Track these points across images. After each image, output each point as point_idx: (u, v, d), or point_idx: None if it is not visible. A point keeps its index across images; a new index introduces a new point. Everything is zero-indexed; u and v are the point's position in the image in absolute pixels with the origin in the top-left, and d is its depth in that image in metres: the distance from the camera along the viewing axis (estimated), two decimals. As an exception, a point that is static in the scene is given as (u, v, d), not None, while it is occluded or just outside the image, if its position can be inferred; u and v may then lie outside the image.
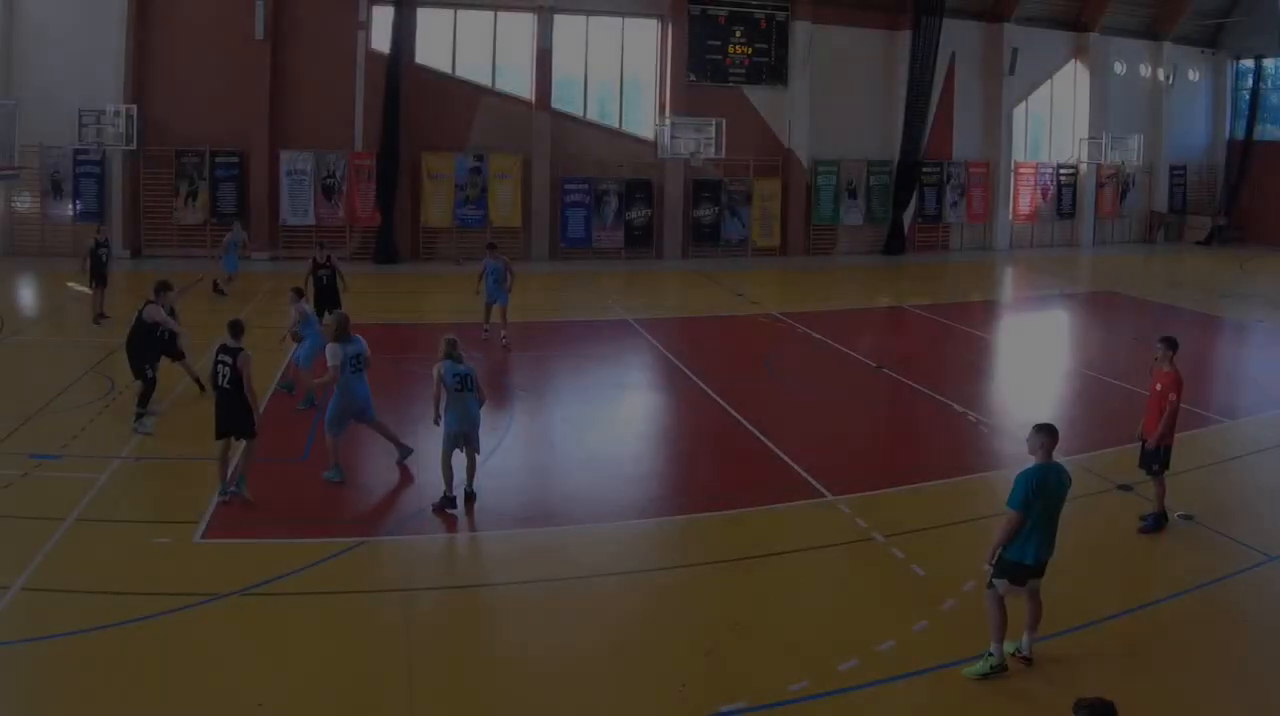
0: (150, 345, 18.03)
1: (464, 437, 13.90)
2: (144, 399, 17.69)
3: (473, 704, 9.46)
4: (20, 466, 14.89)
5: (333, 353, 14.99)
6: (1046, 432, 9.96)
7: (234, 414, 13.95)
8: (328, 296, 22.99)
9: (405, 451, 15.80)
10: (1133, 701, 7.72)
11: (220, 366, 13.95)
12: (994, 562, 9.83)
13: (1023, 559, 9.71)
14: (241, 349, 13.90)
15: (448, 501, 13.82)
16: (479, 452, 14.23)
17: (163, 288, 18.50)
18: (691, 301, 33.00)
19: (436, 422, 13.92)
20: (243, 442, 14.17)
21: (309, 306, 20.04)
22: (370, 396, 15.45)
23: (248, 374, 13.82)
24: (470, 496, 14.06)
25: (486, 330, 24.50)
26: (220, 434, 13.95)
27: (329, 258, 23.72)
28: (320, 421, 15.95)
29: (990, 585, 9.87)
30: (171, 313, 18.74)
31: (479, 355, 22.36)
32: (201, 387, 18.68)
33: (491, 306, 24.24)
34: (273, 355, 20.96)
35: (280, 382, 19.85)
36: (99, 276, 25.94)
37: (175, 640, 10.26)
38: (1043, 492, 9.67)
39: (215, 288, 30.24)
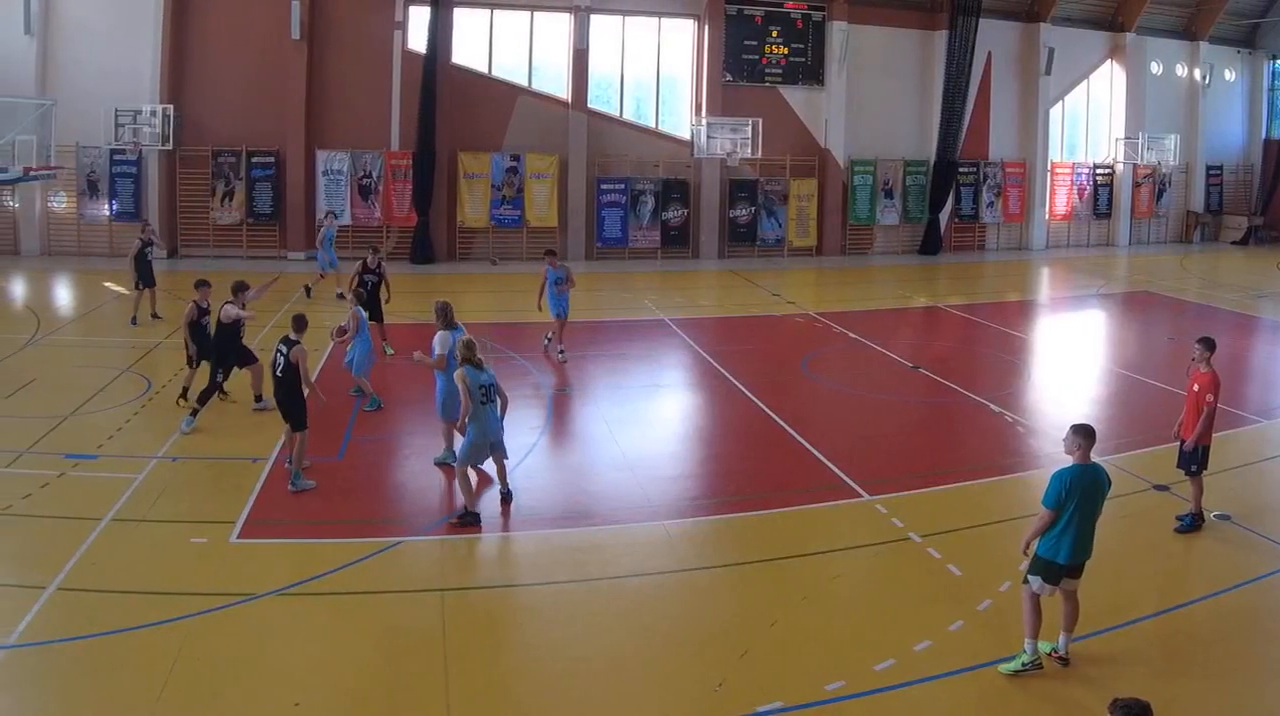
0: (230, 347, 17.67)
1: (488, 448, 13.58)
2: (204, 398, 17.32)
3: (509, 704, 9.34)
4: (57, 466, 14.61)
5: (441, 341, 15.00)
6: (1083, 433, 9.76)
7: (283, 403, 14.33)
8: (368, 303, 21.56)
9: (450, 454, 15.40)
10: (1170, 702, 7.85)
11: (277, 355, 14.30)
12: (1026, 553, 9.74)
13: (1055, 557, 9.56)
14: (298, 342, 14.21)
15: (471, 517, 13.30)
16: (507, 458, 14.01)
17: (240, 288, 17.89)
18: (728, 301, 32.08)
19: (461, 431, 13.70)
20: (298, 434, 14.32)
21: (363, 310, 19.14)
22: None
23: (302, 367, 14.04)
24: (506, 497, 13.84)
25: (548, 339, 23.18)
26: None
27: (379, 263, 22.52)
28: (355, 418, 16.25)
29: (1025, 581, 9.74)
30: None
31: (525, 362, 21.90)
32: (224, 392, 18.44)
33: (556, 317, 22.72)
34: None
35: (351, 391, 18.90)
36: (146, 277, 24.81)
37: (212, 640, 10.08)
38: (1078, 493, 9.47)
39: (307, 291, 29.16)
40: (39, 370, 20.41)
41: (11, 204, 35.45)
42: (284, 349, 14.24)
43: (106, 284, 30.49)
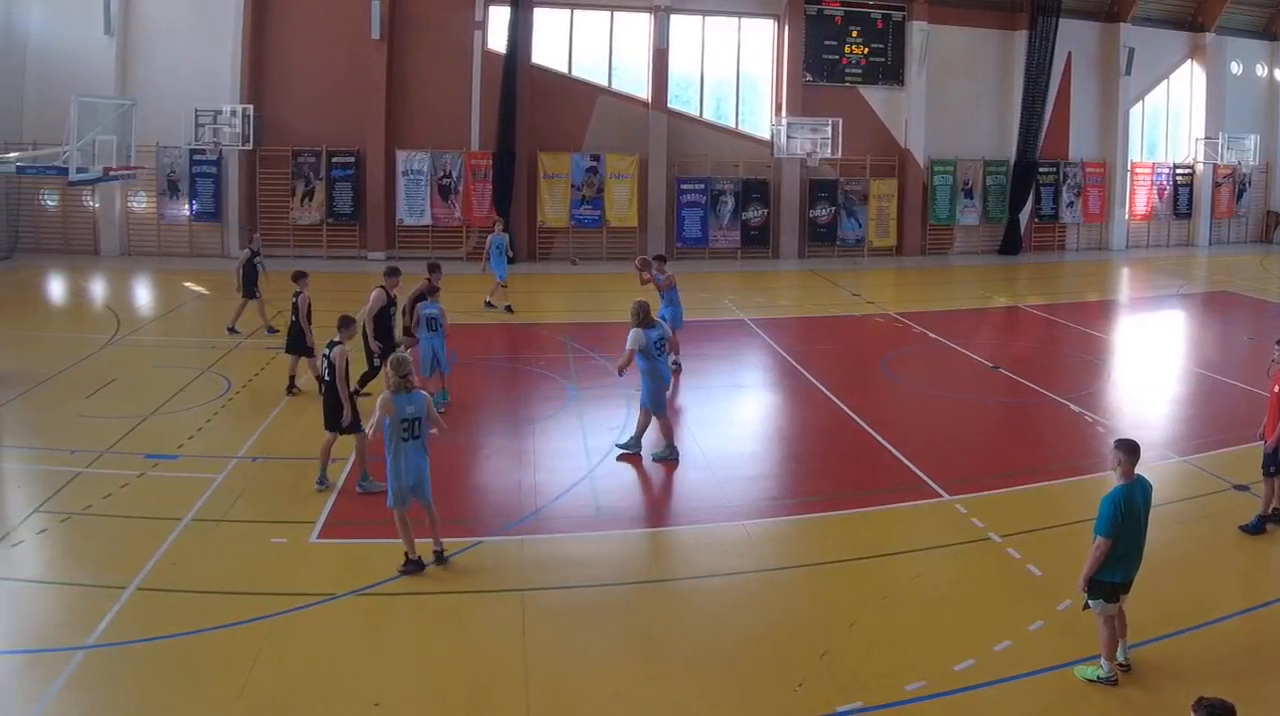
0: (382, 332, 16.69)
1: (411, 493, 11.15)
2: (364, 380, 16.68)
3: (588, 704, 8.83)
4: (137, 466, 13.97)
5: (635, 338, 14.38)
6: (1127, 449, 9.07)
7: (326, 407, 13.52)
8: None
9: (673, 452, 14.90)
10: (1253, 703, 7.51)
11: (322, 359, 13.57)
12: (1084, 590, 9.07)
13: (1113, 579, 8.97)
14: (340, 343, 13.38)
15: (412, 566, 11.13)
16: (429, 507, 11.38)
17: (392, 273, 17.07)
18: (808, 301, 29.91)
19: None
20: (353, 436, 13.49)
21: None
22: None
23: (340, 368, 13.20)
24: (440, 556, 11.40)
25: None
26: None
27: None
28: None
29: (1086, 607, 9.17)
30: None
31: (605, 361, 20.30)
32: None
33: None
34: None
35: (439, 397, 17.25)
36: (250, 288, 22.30)
37: (291, 640, 9.64)
38: (1130, 513, 8.85)
39: (489, 304, 26.38)
40: (119, 370, 19.23)
41: (91, 204, 33.30)
42: (327, 352, 13.39)
43: (186, 284, 29.03)
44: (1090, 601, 9.11)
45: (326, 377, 13.35)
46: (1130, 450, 9.06)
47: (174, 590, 10.49)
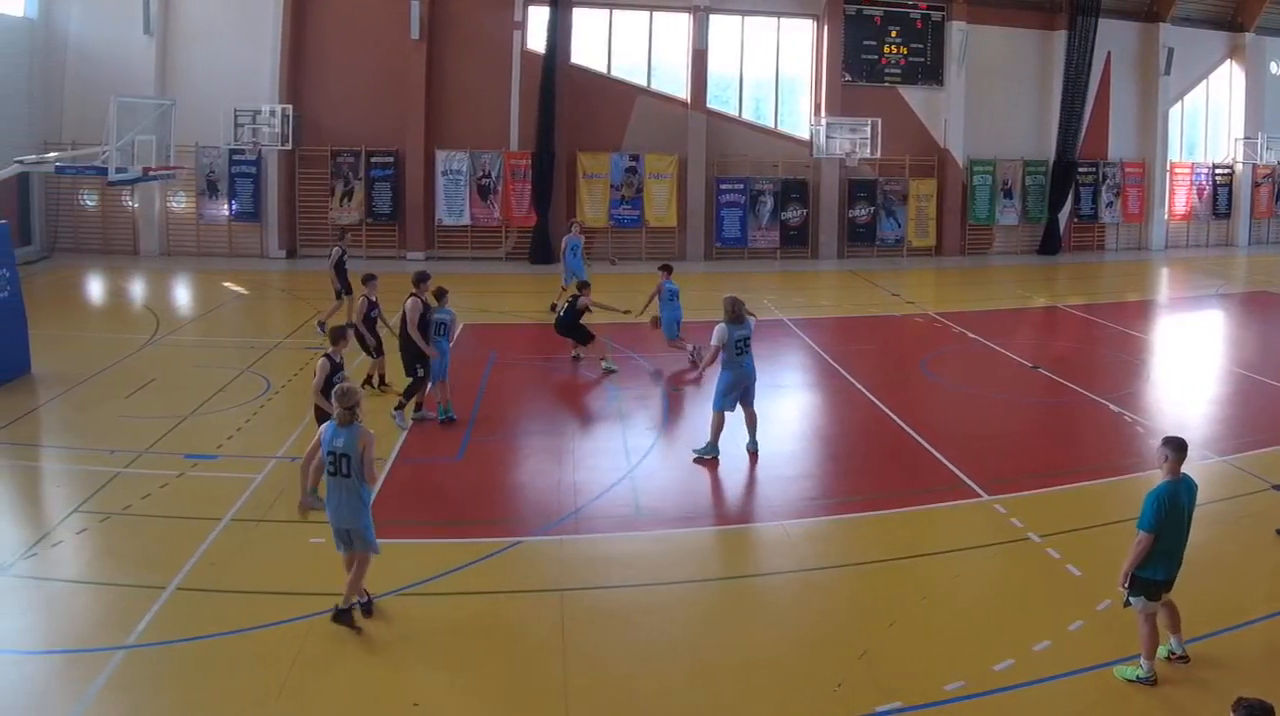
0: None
1: (344, 537, 9.63)
2: (409, 393, 15.69)
3: (628, 705, 8.49)
4: (176, 466, 13.56)
5: (719, 334, 14.14)
6: (1174, 447, 8.70)
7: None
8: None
9: (714, 451, 14.36)
10: None
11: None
12: (1125, 585, 8.71)
13: (1155, 576, 8.63)
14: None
15: (341, 614, 9.50)
16: (365, 550, 9.63)
17: (421, 278, 15.78)
18: (847, 301, 28.71)
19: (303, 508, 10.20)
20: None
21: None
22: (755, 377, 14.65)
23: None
24: (364, 607, 9.80)
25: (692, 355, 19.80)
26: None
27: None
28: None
29: (1127, 604, 8.80)
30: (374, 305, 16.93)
31: (644, 361, 20.23)
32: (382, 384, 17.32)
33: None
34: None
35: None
36: (345, 286, 21.24)
37: (330, 640, 9.26)
38: (1173, 510, 8.53)
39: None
40: (158, 370, 18.65)
41: (131, 204, 32.09)
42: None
43: (225, 284, 28.03)
44: (1131, 598, 8.79)
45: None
46: (1178, 448, 8.72)
47: (213, 590, 10.17)
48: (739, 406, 14.57)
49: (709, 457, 14.35)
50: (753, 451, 14.64)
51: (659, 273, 20.58)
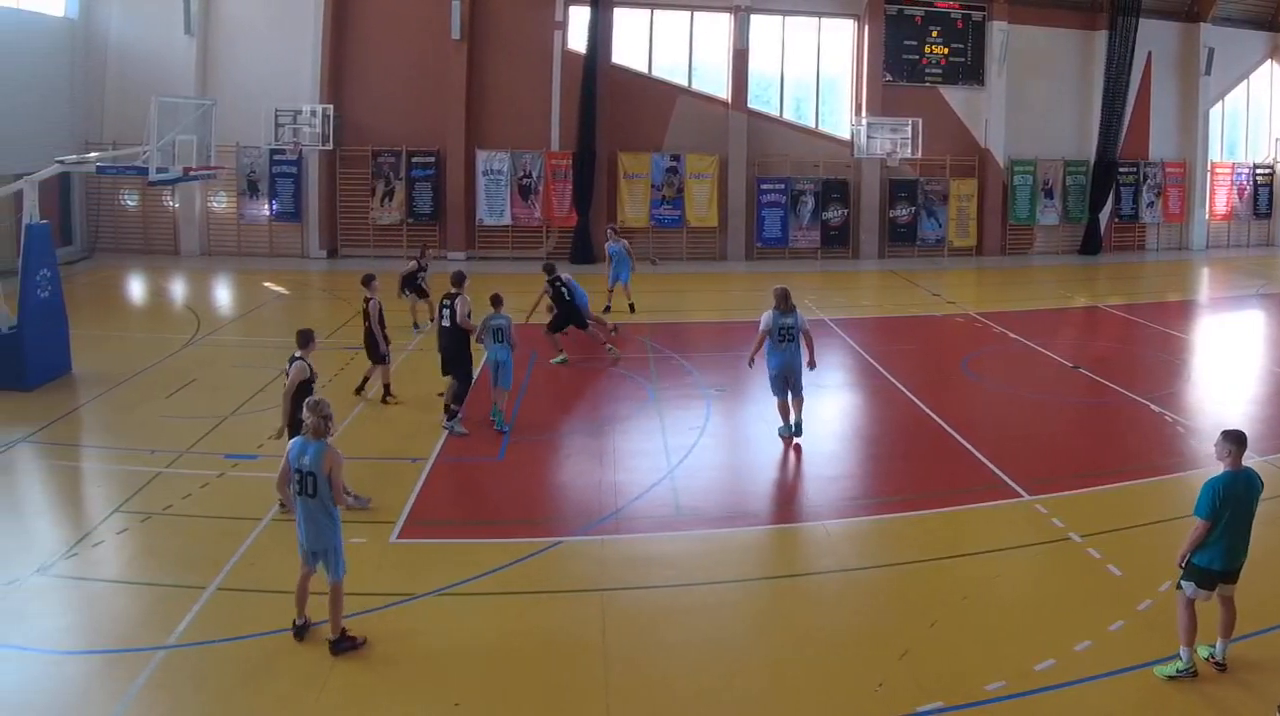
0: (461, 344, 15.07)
1: (310, 557, 8.94)
2: (459, 397, 14.94)
3: (669, 705, 8.18)
4: (217, 466, 13.23)
5: (765, 319, 14.19)
6: (1234, 439, 8.38)
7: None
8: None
9: (792, 428, 14.50)
10: None
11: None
12: (1182, 566, 8.44)
13: (1210, 564, 8.30)
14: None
15: (336, 644, 8.77)
16: (334, 578, 8.86)
17: (458, 278, 15.22)
18: (888, 301, 27.65)
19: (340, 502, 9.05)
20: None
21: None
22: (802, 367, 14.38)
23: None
24: (331, 645, 8.83)
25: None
26: None
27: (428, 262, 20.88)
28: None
29: (1179, 586, 8.50)
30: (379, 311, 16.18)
31: (685, 362, 19.45)
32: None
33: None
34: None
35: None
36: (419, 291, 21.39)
37: (371, 640, 8.85)
38: (1231, 500, 8.19)
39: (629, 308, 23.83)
40: (199, 370, 18.12)
41: (171, 204, 30.92)
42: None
43: (266, 284, 26.93)
44: (1183, 581, 8.53)
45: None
46: (1238, 441, 8.45)
47: (254, 590, 9.87)
48: (789, 392, 14.48)
49: (783, 436, 14.57)
50: (787, 436, 14.63)
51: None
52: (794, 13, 33.92)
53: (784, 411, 14.50)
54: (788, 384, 14.36)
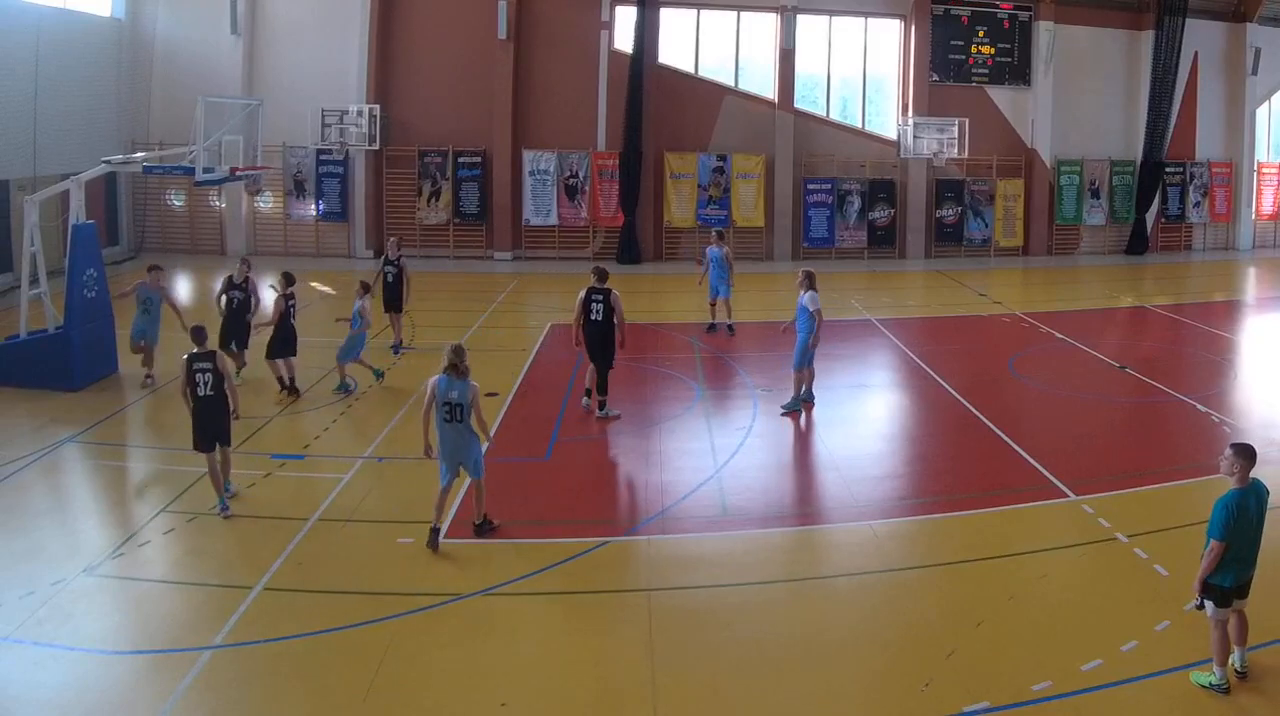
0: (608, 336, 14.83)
1: (452, 468, 10.54)
2: (604, 386, 14.89)
3: (716, 705, 7.91)
4: (263, 466, 12.76)
5: (812, 299, 14.52)
6: (1245, 454, 7.93)
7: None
8: (388, 294, 19.34)
9: (800, 400, 15.05)
10: None
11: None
12: (1198, 591, 7.95)
13: (1223, 583, 7.86)
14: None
15: (434, 533, 10.39)
16: (479, 476, 10.66)
17: (602, 275, 15.03)
18: (934, 301, 26.42)
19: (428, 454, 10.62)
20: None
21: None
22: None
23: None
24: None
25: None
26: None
27: (400, 256, 19.53)
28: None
29: (1199, 607, 8.06)
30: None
31: (732, 362, 18.97)
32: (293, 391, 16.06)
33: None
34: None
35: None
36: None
37: (418, 640, 8.72)
38: (1242, 517, 7.77)
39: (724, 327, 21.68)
40: (245, 370, 17.15)
41: (218, 204, 29.54)
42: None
43: (313, 284, 25.38)
44: (1205, 602, 8.13)
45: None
46: (1247, 455, 8.00)
47: (300, 590, 9.59)
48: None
49: (794, 409, 15.15)
50: (800, 406, 15.30)
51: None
52: (840, 13, 32.22)
53: (799, 383, 15.16)
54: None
